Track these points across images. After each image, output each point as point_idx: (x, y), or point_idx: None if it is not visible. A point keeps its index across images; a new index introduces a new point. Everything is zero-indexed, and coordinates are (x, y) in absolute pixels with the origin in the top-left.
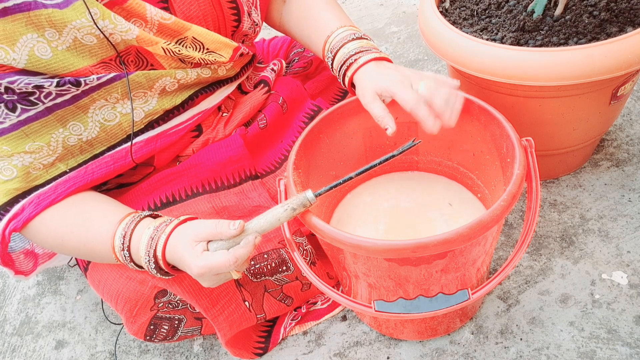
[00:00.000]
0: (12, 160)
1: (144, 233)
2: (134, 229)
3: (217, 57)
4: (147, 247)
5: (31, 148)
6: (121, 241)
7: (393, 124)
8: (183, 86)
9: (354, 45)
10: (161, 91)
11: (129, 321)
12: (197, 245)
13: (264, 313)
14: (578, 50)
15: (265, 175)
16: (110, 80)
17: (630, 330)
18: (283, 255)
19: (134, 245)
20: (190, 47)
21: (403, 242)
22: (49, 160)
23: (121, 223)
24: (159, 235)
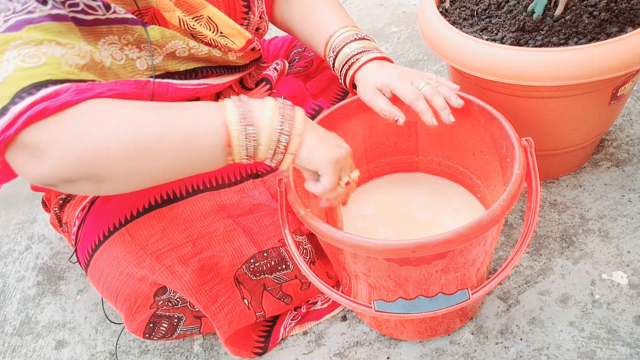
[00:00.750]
0: (41, 48)
1: (266, 104)
2: (249, 103)
3: (229, 43)
4: (280, 111)
5: (64, 40)
6: (238, 109)
7: (401, 114)
8: (193, 57)
9: (356, 46)
10: (170, 53)
11: (128, 319)
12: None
13: (263, 311)
14: (578, 50)
15: (266, 174)
16: (132, 20)
17: (630, 330)
18: (283, 253)
19: (256, 112)
20: (205, 26)
21: (403, 242)
22: (81, 62)
23: (225, 99)
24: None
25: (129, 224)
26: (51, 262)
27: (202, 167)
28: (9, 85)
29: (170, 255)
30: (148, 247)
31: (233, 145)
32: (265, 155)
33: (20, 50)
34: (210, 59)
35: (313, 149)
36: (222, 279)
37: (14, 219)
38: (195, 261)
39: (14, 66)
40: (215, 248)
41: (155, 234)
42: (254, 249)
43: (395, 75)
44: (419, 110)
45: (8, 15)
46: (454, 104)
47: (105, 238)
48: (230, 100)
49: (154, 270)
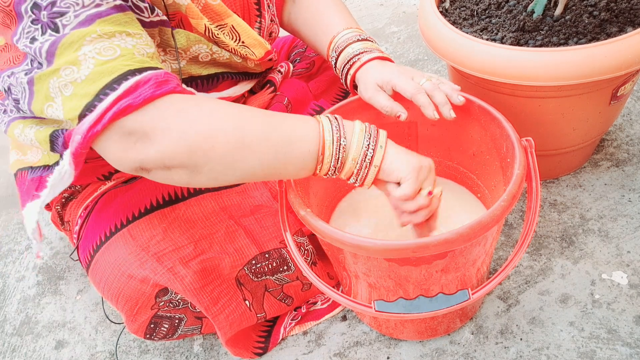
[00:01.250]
0: (114, 41)
1: (355, 124)
2: (341, 120)
3: (249, 53)
4: (367, 130)
5: (133, 31)
6: (332, 123)
7: (403, 109)
8: (214, 62)
9: (358, 46)
10: (193, 57)
11: (130, 320)
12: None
13: (264, 312)
14: (578, 50)
15: None
16: (162, 22)
17: (630, 330)
18: (284, 255)
19: (348, 129)
20: (228, 35)
21: (403, 242)
22: (150, 51)
23: (319, 115)
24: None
25: (130, 225)
26: (51, 262)
27: (292, 172)
28: (92, 81)
29: (172, 256)
30: (150, 248)
31: (325, 154)
32: (350, 168)
33: (95, 44)
34: (230, 64)
35: (395, 160)
36: (223, 280)
37: (14, 219)
38: (196, 262)
39: (92, 61)
40: (217, 249)
41: (157, 235)
42: (255, 250)
43: (396, 72)
44: (421, 103)
45: (77, 10)
46: (455, 101)
47: (107, 238)
48: (325, 116)
49: (156, 272)
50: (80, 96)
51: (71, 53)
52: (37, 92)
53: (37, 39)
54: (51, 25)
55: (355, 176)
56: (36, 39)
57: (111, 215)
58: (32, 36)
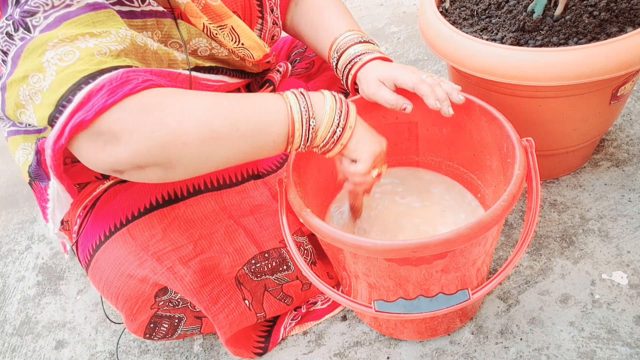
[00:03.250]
0: (75, 43)
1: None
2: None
3: (247, 55)
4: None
5: (98, 30)
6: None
7: (408, 102)
8: (213, 57)
9: (359, 47)
10: (193, 51)
11: (129, 319)
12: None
13: (263, 312)
14: (578, 50)
15: (267, 175)
16: (163, 13)
17: (630, 330)
18: (284, 254)
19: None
20: (228, 36)
21: (403, 242)
22: (117, 48)
23: (287, 92)
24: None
25: (130, 224)
26: (51, 262)
27: (265, 154)
28: (53, 90)
29: (172, 256)
30: (149, 247)
31: (295, 135)
32: (318, 143)
33: (57, 49)
34: (228, 61)
35: (360, 142)
36: (223, 279)
37: (14, 219)
38: (196, 262)
39: (55, 68)
40: (217, 249)
41: (156, 234)
42: (255, 249)
43: (397, 68)
44: (422, 93)
45: (47, 11)
46: (455, 100)
47: (107, 238)
48: (292, 94)
49: (155, 271)
50: (46, 106)
51: (35, 58)
52: (7, 98)
53: (13, 35)
54: (22, 24)
55: (319, 148)
56: (12, 36)
57: (110, 215)
58: (6, 31)
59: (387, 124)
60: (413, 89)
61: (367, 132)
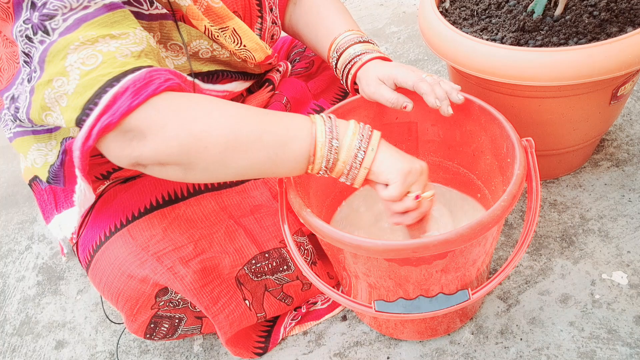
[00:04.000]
0: (97, 46)
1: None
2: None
3: (249, 57)
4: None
5: (117, 32)
6: (325, 124)
7: (409, 100)
8: (214, 59)
9: (359, 47)
10: (194, 54)
11: (130, 319)
12: None
13: (264, 312)
14: (578, 50)
15: None
16: (164, 15)
17: (630, 330)
18: (284, 254)
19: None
20: (230, 38)
21: (403, 243)
22: (137, 49)
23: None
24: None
25: (130, 225)
26: (51, 262)
27: (284, 170)
28: (79, 94)
29: (172, 256)
30: (149, 248)
31: (317, 155)
32: (341, 169)
33: (79, 52)
34: (230, 63)
35: (385, 162)
36: (223, 280)
37: (14, 219)
38: (196, 262)
39: (78, 72)
40: (217, 249)
41: (156, 234)
42: (255, 250)
43: (397, 67)
44: (422, 91)
45: (66, 13)
46: (454, 99)
47: (107, 238)
48: (320, 116)
49: (156, 271)
50: (72, 109)
51: (59, 62)
52: (34, 101)
53: (32, 38)
54: (41, 27)
55: (345, 176)
56: (31, 38)
57: (111, 215)
58: (25, 34)
59: (386, 124)
60: (413, 87)
61: (394, 152)
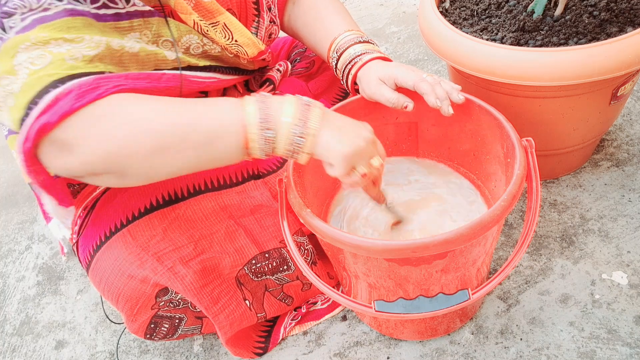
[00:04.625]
0: (48, 47)
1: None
2: (266, 97)
3: (241, 52)
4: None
5: (71, 36)
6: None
7: (409, 99)
8: (206, 54)
9: (359, 47)
10: (186, 49)
11: (130, 320)
12: None
13: (264, 312)
14: (578, 50)
15: (267, 175)
16: (150, 13)
17: (630, 330)
18: (284, 254)
19: (275, 116)
20: (220, 33)
21: (403, 242)
22: (89, 53)
23: (246, 97)
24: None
25: (130, 225)
26: (51, 262)
27: (221, 163)
28: (24, 93)
29: (172, 256)
30: (150, 248)
31: (250, 147)
32: (283, 153)
33: (30, 52)
34: (222, 58)
35: (327, 145)
36: (223, 280)
37: (14, 219)
38: (197, 262)
39: (26, 71)
40: (217, 249)
41: (156, 235)
42: (255, 250)
43: (397, 67)
44: (423, 91)
45: (25, 13)
46: (455, 99)
47: (107, 239)
48: (251, 101)
49: (156, 271)
50: (17, 108)
51: (8, 60)
52: None
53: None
54: (0, 24)
55: (289, 157)
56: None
57: (111, 215)
58: None
59: (387, 124)
60: (414, 87)
61: (336, 133)
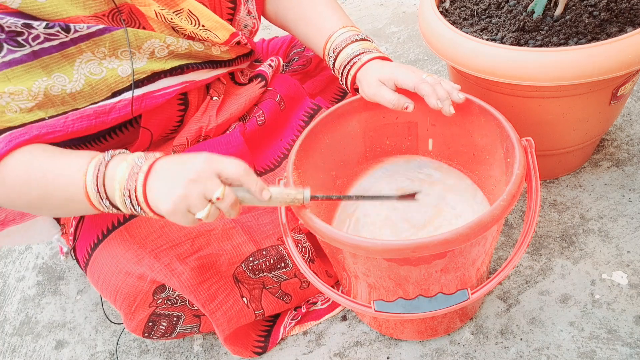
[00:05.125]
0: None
1: (122, 162)
2: (109, 161)
3: (211, 36)
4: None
5: (10, 90)
6: (96, 180)
7: (410, 100)
8: (173, 54)
9: (357, 46)
10: (150, 54)
11: (128, 317)
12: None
13: (262, 309)
14: (578, 50)
15: (265, 173)
16: (100, 31)
17: (630, 330)
18: (282, 252)
19: (110, 173)
20: (186, 20)
21: (403, 242)
22: (27, 105)
23: (94, 157)
24: (142, 161)
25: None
26: (51, 262)
27: (85, 213)
28: None
29: (169, 253)
30: (147, 245)
31: (98, 209)
32: (125, 211)
33: None
34: (191, 54)
35: (157, 196)
36: (221, 277)
37: None
38: (194, 259)
39: None
40: (214, 246)
41: (154, 232)
42: (252, 247)
43: (397, 68)
44: (424, 93)
45: None
46: (455, 99)
47: (104, 236)
48: (91, 168)
49: (153, 268)
50: None
51: None
52: None
53: None
54: None
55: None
56: None
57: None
58: None
59: (387, 124)
60: (414, 89)
61: (167, 182)
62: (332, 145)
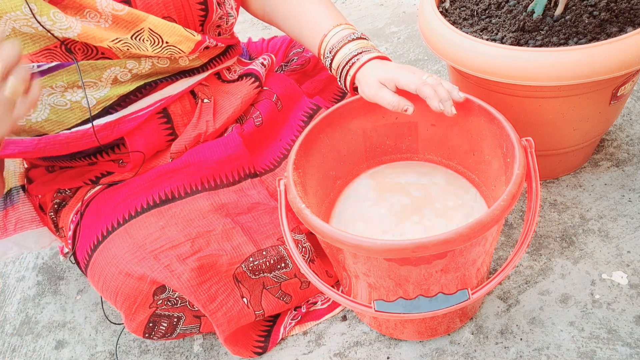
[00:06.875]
0: None
1: None
2: None
3: (175, 52)
4: None
5: None
6: None
7: (410, 103)
8: (137, 76)
9: (355, 46)
10: (113, 80)
11: (128, 318)
12: None
13: (262, 310)
14: (578, 50)
15: (264, 174)
16: (52, 69)
17: (630, 330)
18: (282, 252)
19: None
20: (148, 40)
21: (403, 242)
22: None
23: None
24: None
25: (127, 223)
26: (51, 262)
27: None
28: None
29: (169, 253)
30: (147, 245)
31: None
32: None
33: None
34: (157, 71)
35: None
36: (221, 277)
37: None
38: (194, 260)
39: None
40: (214, 247)
41: (154, 232)
42: (252, 247)
43: (397, 68)
44: (425, 95)
45: None
46: (456, 98)
47: (104, 238)
48: None
49: (153, 269)
50: None
51: None
52: None
53: None
54: None
55: None
56: None
57: (108, 215)
58: None
59: (386, 124)
60: (416, 91)
61: None
62: (332, 146)
